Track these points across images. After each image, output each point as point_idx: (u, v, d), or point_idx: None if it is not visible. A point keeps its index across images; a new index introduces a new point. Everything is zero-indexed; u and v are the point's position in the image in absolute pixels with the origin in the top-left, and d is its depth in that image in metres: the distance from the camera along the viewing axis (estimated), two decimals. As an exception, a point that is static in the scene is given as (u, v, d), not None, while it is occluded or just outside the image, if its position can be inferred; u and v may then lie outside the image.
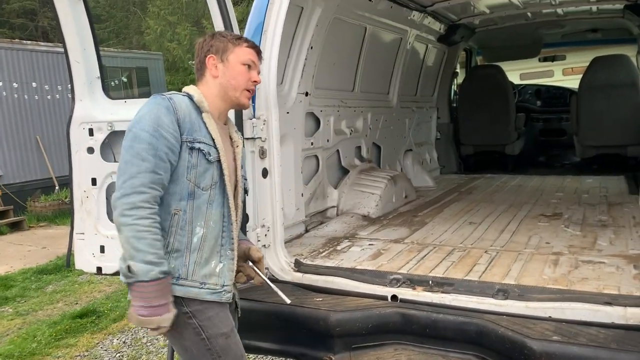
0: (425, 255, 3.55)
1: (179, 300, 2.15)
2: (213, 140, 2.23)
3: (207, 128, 2.23)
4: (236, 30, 3.04)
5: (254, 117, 3.22)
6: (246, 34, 3.53)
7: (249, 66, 2.35)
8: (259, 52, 2.42)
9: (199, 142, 2.18)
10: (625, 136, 6.77)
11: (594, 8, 6.42)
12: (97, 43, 3.43)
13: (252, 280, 2.53)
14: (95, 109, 3.43)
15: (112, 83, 12.83)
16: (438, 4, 5.76)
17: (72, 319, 5.73)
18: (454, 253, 3.58)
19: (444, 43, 7.00)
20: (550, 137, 8.77)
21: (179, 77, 27.71)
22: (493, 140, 7.78)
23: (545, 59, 9.19)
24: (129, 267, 2.01)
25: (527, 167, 8.07)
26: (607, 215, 4.48)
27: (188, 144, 2.15)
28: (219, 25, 2.95)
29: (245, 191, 2.55)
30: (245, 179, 2.53)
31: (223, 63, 2.31)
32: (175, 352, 3.01)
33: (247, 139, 3.12)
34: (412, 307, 2.81)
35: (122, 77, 13.46)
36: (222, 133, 2.31)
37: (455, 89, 8.31)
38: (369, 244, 3.89)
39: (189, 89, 2.33)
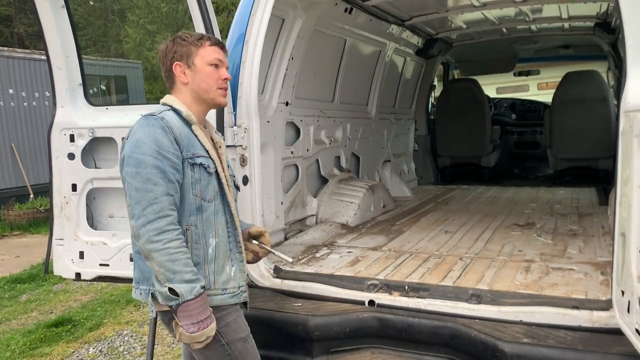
0: (402, 262, 3.63)
1: None
2: (207, 151, 2.25)
3: (199, 141, 2.25)
4: (214, 19, 3.08)
5: (235, 125, 3.28)
6: (228, 44, 3.60)
7: (216, 65, 2.33)
8: (223, 48, 2.39)
9: (198, 157, 2.20)
10: (596, 149, 6.97)
11: (566, 25, 6.65)
12: (80, 50, 3.47)
13: (259, 254, 2.64)
14: (76, 115, 3.45)
15: (91, 91, 12.75)
16: (416, 18, 5.90)
17: (47, 328, 5.67)
18: (430, 260, 3.67)
19: (422, 56, 7.16)
20: (525, 150, 8.99)
21: (157, 86, 27.57)
22: (469, 152, 7.94)
23: (520, 74, 9.43)
24: (170, 290, 2.04)
25: (502, 178, 8.25)
26: (577, 225, 4.62)
27: (189, 161, 2.17)
28: (196, 16, 3.00)
29: (237, 188, 2.58)
30: (234, 176, 2.55)
31: (190, 68, 2.29)
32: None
33: (228, 146, 3.18)
34: (388, 312, 2.88)
35: (101, 86, 13.37)
36: (207, 138, 2.34)
37: (433, 101, 8.47)
38: (347, 252, 3.96)
39: (170, 100, 2.31)
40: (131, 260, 3.34)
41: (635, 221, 2.16)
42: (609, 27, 5.96)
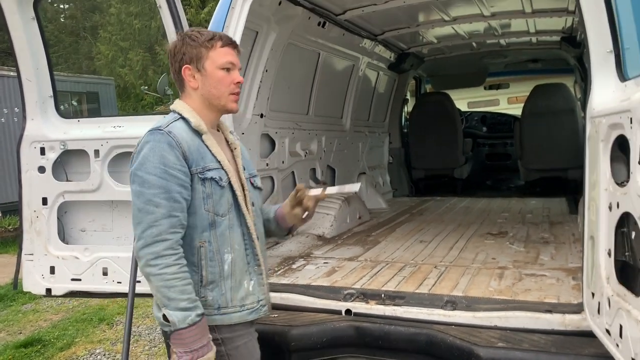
0: (378, 272, 3.65)
1: (211, 327, 2.10)
2: (219, 162, 2.13)
3: (210, 151, 2.12)
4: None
5: (209, 136, 3.27)
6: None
7: (228, 69, 2.17)
8: (235, 47, 2.22)
9: (209, 171, 2.09)
10: (565, 160, 7.13)
11: (534, 39, 6.84)
12: (51, 62, 3.43)
13: (308, 211, 2.50)
14: (47, 128, 3.41)
15: (62, 107, 12.58)
16: (388, 32, 6.00)
17: (15, 349, 5.50)
18: (406, 269, 3.69)
19: (395, 71, 7.27)
20: (496, 161, 9.16)
21: (130, 103, 27.34)
22: (442, 164, 8.05)
23: (490, 87, 9.64)
24: (164, 317, 1.99)
25: (474, 189, 8.37)
26: (549, 233, 4.71)
27: (199, 176, 2.06)
28: (170, 30, 3.02)
29: (258, 188, 2.41)
30: (255, 176, 2.40)
31: (200, 72, 2.14)
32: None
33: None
34: (365, 320, 2.89)
35: (72, 102, 13.19)
36: (219, 143, 2.21)
37: (406, 115, 8.59)
38: (324, 262, 3.96)
39: (179, 107, 2.17)
40: (104, 274, 3.32)
41: (603, 224, 2.22)
42: (574, 41, 6.15)
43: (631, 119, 1.90)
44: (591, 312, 2.42)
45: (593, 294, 2.37)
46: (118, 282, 3.28)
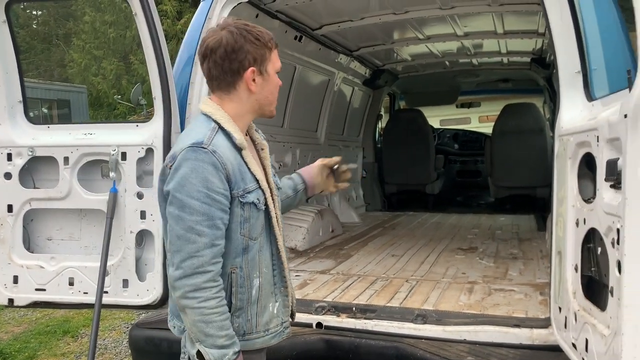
0: (349, 285, 3.65)
1: None
2: (257, 181, 1.94)
3: (249, 169, 1.92)
4: (163, 43, 3.07)
5: (183, 146, 3.24)
6: (178, 61, 3.60)
7: (278, 72, 2.03)
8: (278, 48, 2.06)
9: (249, 193, 1.90)
10: (534, 179, 7.28)
11: (505, 60, 7.02)
12: (21, 67, 3.36)
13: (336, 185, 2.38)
14: (15, 134, 3.32)
15: (31, 114, 12.33)
16: (363, 49, 6.08)
17: (-26, 362, 5.31)
18: (377, 282, 3.71)
19: (369, 86, 7.35)
20: (467, 178, 9.30)
21: (102, 112, 26.95)
22: (414, 179, 8.14)
23: (462, 105, 9.81)
24: (199, 353, 1.83)
25: (446, 205, 8.47)
26: (517, 249, 4.80)
27: (240, 199, 1.88)
28: (145, 37, 3.00)
29: (279, 188, 2.22)
30: (274, 175, 2.17)
31: (262, 76, 1.94)
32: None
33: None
34: (336, 334, 2.88)
35: (43, 109, 12.93)
36: (251, 151, 2.02)
37: (380, 130, 8.67)
38: (296, 275, 3.95)
39: (218, 114, 1.92)
40: (71, 284, 3.24)
41: (570, 239, 2.27)
42: (544, 62, 6.33)
43: (598, 137, 1.96)
44: (558, 327, 2.47)
45: (560, 309, 2.42)
46: (84, 293, 3.20)
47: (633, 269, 1.64)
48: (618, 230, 1.74)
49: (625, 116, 1.68)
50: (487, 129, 9.55)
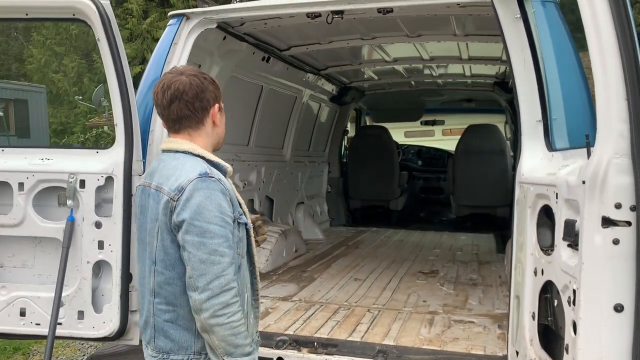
0: (312, 314, 3.64)
1: None
2: (240, 205, 2.12)
3: (235, 194, 2.10)
4: (127, 69, 3.02)
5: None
6: (142, 86, 3.52)
7: None
8: None
9: (242, 215, 2.08)
10: (495, 198, 7.45)
11: (469, 81, 7.16)
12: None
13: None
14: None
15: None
16: (331, 68, 6.10)
17: None
18: (339, 312, 3.71)
19: (336, 103, 7.38)
20: (430, 195, 9.43)
21: (62, 110, 26.20)
22: (378, 195, 8.21)
23: (426, 122, 9.96)
24: None
25: (409, 221, 8.57)
26: (477, 274, 4.89)
27: (238, 221, 2.05)
28: (108, 63, 2.94)
29: None
30: None
31: (221, 112, 2.18)
32: None
33: (137, 196, 3.06)
34: (296, 370, 2.86)
35: (-1, 111, 12.44)
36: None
37: (346, 145, 8.71)
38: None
39: (199, 149, 2.09)
40: (22, 315, 3.12)
41: (528, 287, 2.32)
42: (506, 86, 6.49)
43: (557, 194, 2.01)
44: (515, 369, 2.51)
45: (517, 352, 2.47)
46: (37, 324, 3.08)
47: (588, 333, 1.68)
48: (574, 291, 1.78)
49: (584, 182, 1.72)
50: (450, 141, 9.72)
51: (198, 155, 2.07)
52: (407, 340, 3.18)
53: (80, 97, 20.76)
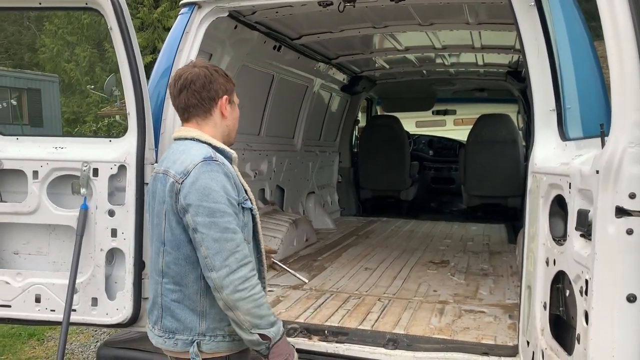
0: (322, 303, 3.66)
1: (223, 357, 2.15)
2: (246, 191, 2.20)
3: (240, 181, 2.18)
4: (139, 58, 3.04)
5: (156, 162, 3.18)
6: (154, 75, 3.53)
7: None
8: None
9: (246, 200, 2.15)
10: (506, 188, 7.40)
11: (481, 70, 7.09)
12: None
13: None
14: (-19, 145, 3.22)
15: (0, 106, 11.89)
16: (342, 57, 6.08)
17: None
18: (350, 301, 3.72)
19: (347, 92, 7.36)
20: (441, 185, 9.39)
21: (75, 99, 26.37)
22: (389, 185, 8.19)
23: (438, 112, 9.89)
24: (261, 336, 2.03)
25: (419, 212, 8.55)
26: (488, 264, 4.87)
27: (242, 205, 2.12)
28: (120, 52, 2.96)
29: None
30: None
31: (231, 105, 2.25)
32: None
33: (149, 184, 3.08)
34: (307, 358, 2.87)
35: (11, 100, 12.50)
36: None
37: (357, 134, 8.69)
38: (269, 290, 3.91)
39: (206, 137, 2.17)
40: (37, 301, 3.17)
41: (540, 277, 2.31)
42: (519, 75, 6.41)
43: (570, 184, 1.99)
44: (525, 358, 2.51)
45: (528, 342, 2.46)
46: (52, 310, 3.13)
47: (600, 323, 1.68)
48: (587, 281, 1.77)
49: (597, 172, 1.71)
50: (461, 131, 9.65)
51: (205, 142, 2.15)
52: (418, 329, 3.18)
53: (93, 87, 20.87)
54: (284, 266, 2.70)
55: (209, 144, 2.15)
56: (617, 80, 1.65)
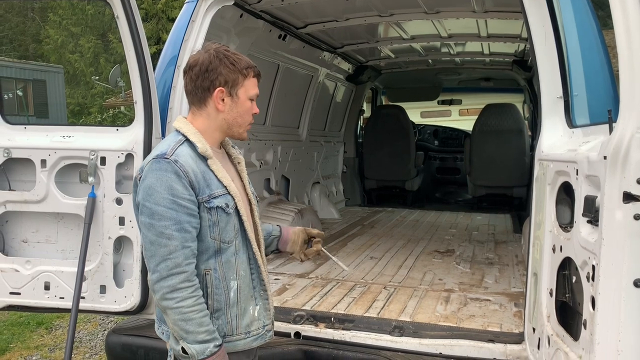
0: (328, 291, 3.68)
1: None
2: (225, 187, 2.05)
3: (216, 176, 2.04)
4: (145, 47, 3.03)
5: (164, 151, 3.20)
6: (160, 64, 3.54)
7: (253, 100, 2.12)
8: (260, 78, 2.16)
9: (215, 199, 2.01)
10: (511, 178, 7.39)
11: (487, 60, 7.06)
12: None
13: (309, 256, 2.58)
14: (-10, 134, 3.24)
15: (5, 96, 11.91)
16: (347, 46, 6.06)
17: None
18: (356, 289, 3.74)
19: (352, 82, 7.34)
20: (446, 175, 9.38)
21: (79, 90, 26.44)
22: (394, 175, 8.18)
23: (443, 102, 9.85)
24: (183, 349, 1.95)
25: (424, 202, 8.55)
26: (493, 253, 4.88)
27: (205, 205, 1.99)
28: (127, 40, 2.96)
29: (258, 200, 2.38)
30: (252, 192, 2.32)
31: (231, 98, 2.05)
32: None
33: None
34: (314, 344, 2.91)
35: (17, 91, 12.53)
36: (222, 161, 2.12)
37: (362, 124, 8.67)
38: (275, 279, 3.96)
39: (185, 128, 2.05)
40: (46, 289, 3.20)
41: (546, 264, 2.32)
42: (525, 64, 6.38)
43: (577, 170, 1.99)
44: (531, 345, 2.53)
45: (534, 329, 2.48)
46: (61, 298, 3.17)
47: (606, 308, 1.69)
48: (593, 266, 1.78)
49: (605, 158, 1.71)
50: (467, 121, 9.62)
51: (182, 134, 2.05)
52: (423, 316, 3.20)
53: (97, 78, 20.87)
54: (328, 253, 2.65)
55: (185, 137, 2.03)
56: (625, 67, 1.65)
